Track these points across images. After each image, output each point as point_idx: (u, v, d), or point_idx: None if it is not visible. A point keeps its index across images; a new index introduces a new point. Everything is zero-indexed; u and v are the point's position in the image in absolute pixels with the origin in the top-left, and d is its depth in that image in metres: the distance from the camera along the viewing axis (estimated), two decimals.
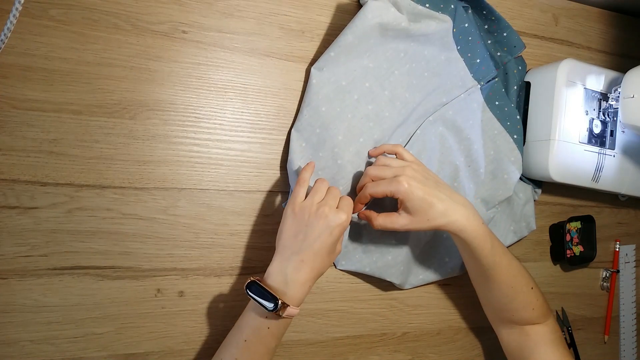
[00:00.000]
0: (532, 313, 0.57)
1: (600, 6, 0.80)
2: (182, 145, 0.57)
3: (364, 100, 0.60)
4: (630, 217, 0.83)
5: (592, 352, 0.79)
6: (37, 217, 0.52)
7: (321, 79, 0.58)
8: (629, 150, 0.70)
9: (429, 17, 0.62)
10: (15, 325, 0.51)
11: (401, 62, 0.63)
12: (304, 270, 0.49)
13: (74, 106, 0.53)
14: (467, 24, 0.65)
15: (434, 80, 0.65)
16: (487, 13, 0.67)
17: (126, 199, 0.54)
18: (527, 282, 0.57)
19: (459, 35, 0.65)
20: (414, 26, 0.60)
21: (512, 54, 0.69)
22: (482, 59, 0.66)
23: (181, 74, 0.57)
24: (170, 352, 0.57)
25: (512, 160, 0.67)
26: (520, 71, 0.71)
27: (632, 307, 0.82)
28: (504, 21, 0.67)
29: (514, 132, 0.67)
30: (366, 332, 0.65)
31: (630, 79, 0.63)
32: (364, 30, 0.57)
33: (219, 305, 0.58)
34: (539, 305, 0.57)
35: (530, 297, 0.56)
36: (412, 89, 0.64)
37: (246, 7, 0.59)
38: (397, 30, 0.60)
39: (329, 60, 0.58)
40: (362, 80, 0.60)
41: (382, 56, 0.61)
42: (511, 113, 0.68)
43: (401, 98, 0.63)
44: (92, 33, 0.53)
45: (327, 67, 0.58)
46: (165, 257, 0.56)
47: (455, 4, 0.64)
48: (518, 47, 0.69)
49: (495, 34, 0.69)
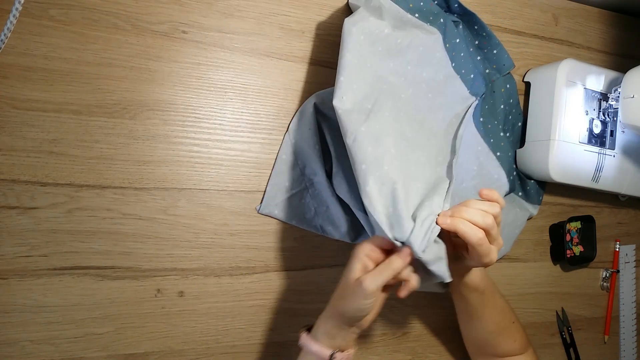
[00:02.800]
0: (513, 345, 0.59)
1: (600, 6, 0.80)
2: (182, 146, 0.57)
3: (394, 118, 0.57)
4: (630, 217, 0.83)
5: (592, 352, 0.79)
6: (37, 217, 0.52)
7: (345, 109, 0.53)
8: (629, 150, 0.70)
9: (415, 26, 0.61)
10: (15, 326, 0.51)
11: (403, 86, 0.61)
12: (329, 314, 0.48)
13: (74, 106, 0.53)
14: (458, 40, 0.63)
15: (439, 99, 0.63)
16: (478, 29, 0.66)
17: (126, 199, 0.54)
18: (510, 317, 0.59)
19: (452, 52, 0.63)
20: (399, 34, 0.59)
21: (501, 72, 0.68)
22: (475, 75, 0.64)
23: (181, 74, 0.57)
24: (170, 352, 0.57)
25: (496, 177, 0.66)
26: (508, 89, 0.70)
27: (632, 307, 0.82)
28: (494, 38, 0.66)
29: (497, 149, 0.67)
30: (366, 332, 0.65)
31: (630, 79, 0.63)
32: (359, 46, 0.56)
33: (219, 305, 0.58)
34: (519, 337, 0.60)
35: (512, 331, 0.59)
36: (424, 110, 0.61)
37: (246, 7, 0.59)
38: (386, 43, 0.58)
39: (343, 87, 0.54)
40: (381, 110, 0.57)
41: (387, 79, 0.59)
42: (494, 130, 0.67)
43: (416, 119, 0.60)
44: (92, 33, 0.53)
45: (346, 96, 0.53)
46: (165, 257, 0.56)
47: (445, 18, 0.62)
48: (507, 65, 0.68)
49: (485, 50, 0.68)
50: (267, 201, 0.60)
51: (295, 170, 0.61)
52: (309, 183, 0.61)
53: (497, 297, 0.58)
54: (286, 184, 0.60)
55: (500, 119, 0.69)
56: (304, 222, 0.61)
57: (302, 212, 0.61)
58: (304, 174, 0.61)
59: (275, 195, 0.60)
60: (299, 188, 0.61)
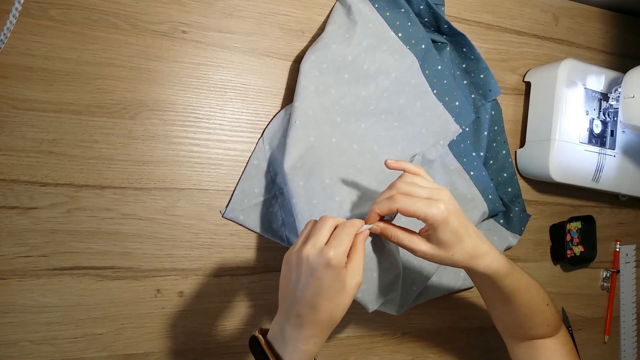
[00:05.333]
0: (546, 329, 0.56)
1: (600, 6, 0.80)
2: (182, 146, 0.57)
3: (334, 154, 0.57)
4: (630, 217, 0.83)
5: (592, 352, 0.79)
6: (37, 218, 0.52)
7: (297, 135, 0.55)
8: (630, 150, 0.70)
9: (389, 51, 0.59)
10: (15, 326, 0.51)
11: (368, 116, 0.60)
12: (303, 327, 0.41)
13: (73, 106, 0.53)
14: (441, 67, 0.62)
15: (405, 129, 0.62)
16: (467, 51, 0.65)
17: (126, 199, 0.54)
18: (543, 299, 0.55)
19: (433, 79, 0.62)
20: (365, 59, 0.58)
21: (486, 98, 0.67)
22: (460, 102, 0.63)
23: (181, 74, 0.57)
24: (170, 352, 0.56)
25: (469, 197, 0.66)
26: (493, 116, 0.69)
27: (633, 307, 0.82)
28: (482, 62, 0.65)
29: (470, 169, 0.66)
30: (366, 332, 0.65)
31: (631, 79, 0.63)
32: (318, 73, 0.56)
33: (219, 305, 0.58)
34: (553, 321, 0.56)
35: (546, 315, 0.55)
36: (381, 141, 0.61)
37: (246, 7, 0.59)
38: (352, 70, 0.58)
39: (301, 115, 0.55)
40: (329, 137, 0.58)
41: (351, 109, 0.59)
42: (467, 150, 0.66)
43: (370, 151, 0.60)
44: (92, 33, 0.53)
45: (299, 121, 0.55)
46: (165, 257, 0.56)
47: (428, 44, 0.61)
48: (493, 91, 0.66)
49: (472, 74, 0.67)
50: (233, 205, 0.58)
51: (266, 178, 0.59)
52: (278, 192, 0.59)
53: (526, 280, 0.52)
54: (255, 190, 0.59)
55: (483, 145, 0.68)
56: (269, 232, 0.59)
57: (268, 221, 0.59)
58: (274, 183, 0.59)
59: (242, 201, 0.58)
60: (268, 196, 0.59)
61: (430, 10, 0.62)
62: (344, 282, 0.41)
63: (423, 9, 0.61)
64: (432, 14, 0.62)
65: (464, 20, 0.69)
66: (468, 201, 0.66)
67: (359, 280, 0.42)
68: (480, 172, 0.67)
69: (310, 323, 0.41)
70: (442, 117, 0.63)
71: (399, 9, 0.59)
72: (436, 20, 0.63)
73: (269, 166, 0.59)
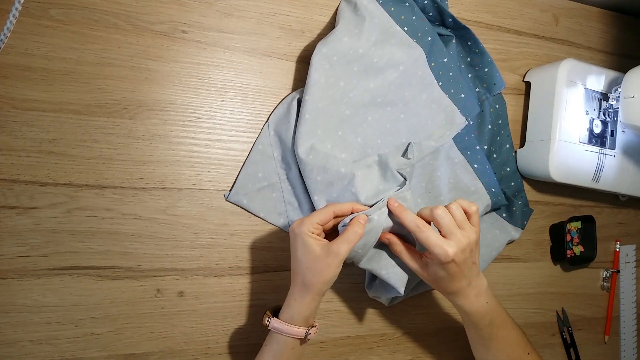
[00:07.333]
0: None
1: (600, 6, 0.80)
2: (182, 145, 0.57)
3: (337, 149, 0.59)
4: (630, 217, 0.83)
5: (592, 352, 0.79)
6: (37, 217, 0.52)
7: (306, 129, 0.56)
8: (630, 150, 0.70)
9: (397, 44, 0.60)
10: (14, 326, 0.51)
11: (375, 108, 0.61)
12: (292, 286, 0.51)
13: (73, 106, 0.53)
14: (447, 59, 0.62)
15: (410, 121, 0.63)
16: (471, 45, 0.65)
17: (126, 199, 0.54)
18: (524, 349, 0.57)
19: (439, 71, 0.62)
20: (375, 53, 0.59)
21: (491, 92, 0.67)
22: (466, 94, 0.63)
23: (181, 74, 0.57)
24: (170, 352, 0.56)
25: (473, 189, 0.66)
26: (497, 110, 0.70)
27: (633, 307, 0.82)
28: (487, 56, 0.66)
29: (474, 162, 0.66)
30: (366, 332, 0.65)
31: (631, 79, 0.63)
32: (329, 66, 0.56)
33: (219, 305, 0.58)
34: None
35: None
36: (385, 134, 0.62)
37: (246, 7, 0.59)
38: (361, 63, 0.59)
39: (311, 108, 0.56)
40: (335, 129, 0.59)
41: (359, 101, 0.60)
42: (471, 143, 0.66)
43: (373, 145, 0.62)
44: (92, 33, 0.53)
45: (309, 115, 0.56)
46: (165, 257, 0.56)
47: (434, 36, 0.61)
48: (498, 85, 0.67)
49: (477, 68, 0.67)
50: (237, 189, 0.58)
51: (270, 162, 0.59)
52: (282, 177, 0.60)
53: (508, 327, 0.55)
54: (259, 174, 0.59)
55: (487, 139, 0.69)
56: (272, 216, 0.60)
57: (272, 206, 0.60)
58: (279, 167, 0.60)
59: (246, 185, 0.58)
60: (272, 180, 0.59)
61: (434, 5, 0.62)
62: (310, 248, 0.48)
63: (427, 3, 0.62)
64: (436, 8, 0.62)
65: (464, 20, 0.69)
66: (471, 194, 0.66)
67: (337, 251, 0.47)
68: (483, 166, 0.67)
69: (293, 284, 0.51)
70: (447, 109, 0.63)
71: (403, 3, 0.60)
72: (441, 15, 0.63)
73: (273, 151, 0.59)
